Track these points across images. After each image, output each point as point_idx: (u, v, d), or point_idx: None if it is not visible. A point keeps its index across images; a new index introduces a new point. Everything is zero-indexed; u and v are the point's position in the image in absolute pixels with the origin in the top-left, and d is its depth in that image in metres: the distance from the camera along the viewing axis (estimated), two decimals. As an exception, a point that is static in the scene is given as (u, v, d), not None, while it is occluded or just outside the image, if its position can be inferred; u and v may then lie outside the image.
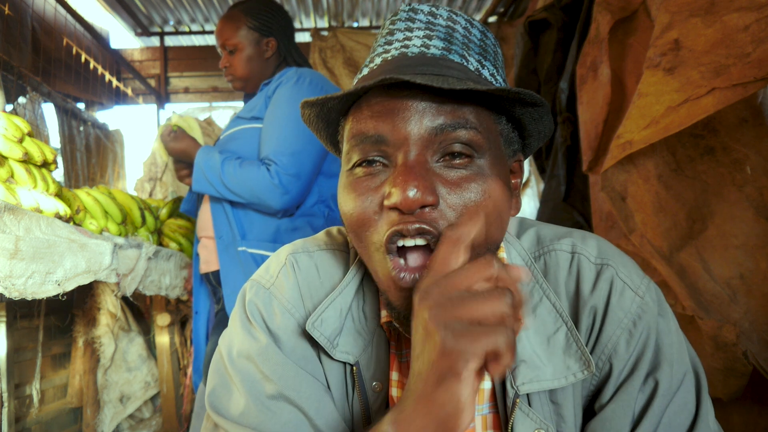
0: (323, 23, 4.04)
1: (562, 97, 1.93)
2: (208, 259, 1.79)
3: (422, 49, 0.62)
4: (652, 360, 0.65)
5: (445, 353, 0.46)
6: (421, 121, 0.57)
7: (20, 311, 2.03)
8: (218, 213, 1.74)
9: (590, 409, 0.68)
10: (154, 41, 4.17)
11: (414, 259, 0.60)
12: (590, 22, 1.69)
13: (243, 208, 1.72)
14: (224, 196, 1.68)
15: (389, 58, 0.63)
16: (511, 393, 0.63)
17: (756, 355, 1.17)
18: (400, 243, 0.58)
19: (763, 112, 1.25)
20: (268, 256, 1.65)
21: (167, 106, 4.15)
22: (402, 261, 0.60)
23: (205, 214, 1.82)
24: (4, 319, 1.78)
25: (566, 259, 0.69)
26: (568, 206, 1.98)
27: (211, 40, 4.26)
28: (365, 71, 0.65)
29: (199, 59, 4.17)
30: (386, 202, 0.57)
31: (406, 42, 0.63)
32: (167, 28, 4.09)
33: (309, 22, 4.01)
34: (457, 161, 0.58)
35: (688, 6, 1.19)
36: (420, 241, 0.58)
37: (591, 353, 0.66)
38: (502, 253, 0.71)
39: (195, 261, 1.92)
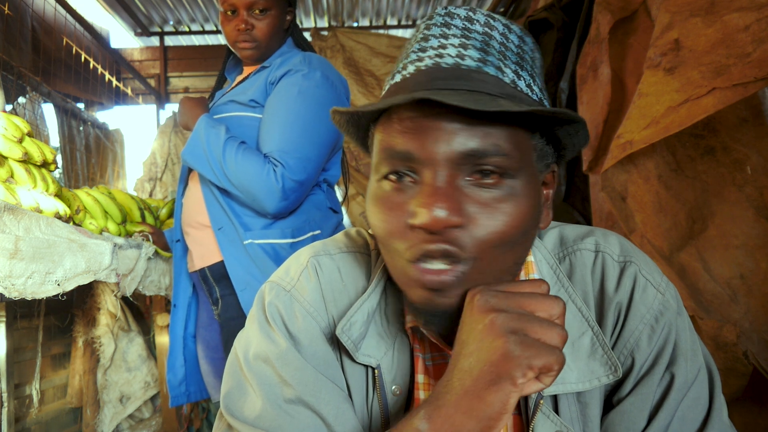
0: (323, 23, 4.04)
1: (562, 97, 1.93)
2: (204, 253, 1.61)
3: (457, 59, 0.59)
4: (671, 355, 0.66)
5: (507, 357, 0.49)
6: (451, 142, 0.55)
7: (20, 311, 2.03)
8: (212, 203, 1.57)
9: (607, 402, 0.69)
10: (154, 41, 4.17)
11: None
12: (590, 22, 1.69)
13: (235, 198, 1.55)
14: (218, 180, 1.50)
15: (423, 68, 0.60)
16: (534, 395, 0.64)
17: (756, 355, 1.17)
18: (426, 266, 0.57)
19: (763, 112, 1.25)
20: (277, 245, 1.53)
21: (167, 106, 4.15)
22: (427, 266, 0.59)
23: (194, 201, 1.64)
24: (4, 319, 1.78)
25: (591, 257, 0.71)
26: (568, 206, 1.98)
27: (211, 40, 4.26)
28: (397, 78, 0.63)
29: (199, 59, 4.17)
30: (411, 221, 0.56)
31: (441, 51, 0.60)
32: (167, 28, 4.09)
33: (309, 22, 4.01)
34: (488, 180, 0.57)
35: (689, 6, 1.19)
36: (442, 265, 0.56)
37: (614, 347, 0.68)
38: (530, 257, 0.71)
39: (176, 252, 1.76)
